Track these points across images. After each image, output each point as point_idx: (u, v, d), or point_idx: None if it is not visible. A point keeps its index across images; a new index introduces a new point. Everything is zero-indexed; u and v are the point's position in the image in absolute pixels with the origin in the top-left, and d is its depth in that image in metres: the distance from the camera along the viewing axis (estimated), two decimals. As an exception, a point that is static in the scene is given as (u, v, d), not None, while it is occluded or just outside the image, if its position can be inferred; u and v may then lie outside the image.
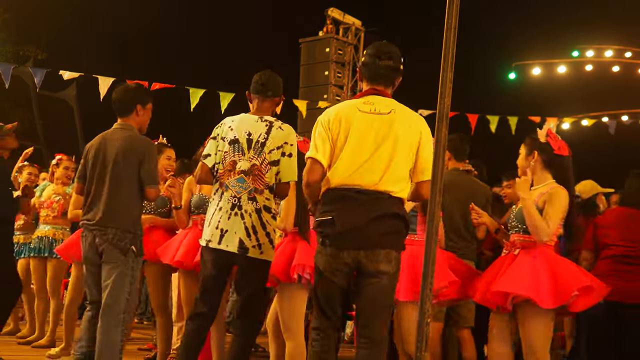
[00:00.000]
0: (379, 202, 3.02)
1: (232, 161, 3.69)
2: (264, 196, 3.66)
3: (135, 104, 4.01)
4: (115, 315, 3.85)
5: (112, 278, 3.84)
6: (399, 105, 3.20)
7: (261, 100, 3.81)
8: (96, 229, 3.86)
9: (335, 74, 12.69)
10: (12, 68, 8.15)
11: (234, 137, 3.71)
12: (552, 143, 3.74)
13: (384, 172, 3.04)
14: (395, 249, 3.05)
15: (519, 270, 3.52)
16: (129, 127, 4.00)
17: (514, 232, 3.69)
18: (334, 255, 3.05)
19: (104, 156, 3.92)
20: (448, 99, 2.53)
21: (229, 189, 3.67)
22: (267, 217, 3.66)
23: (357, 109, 3.16)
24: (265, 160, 3.65)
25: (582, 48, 12.74)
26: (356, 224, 3.00)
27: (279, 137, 3.67)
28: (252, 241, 3.60)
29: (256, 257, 3.61)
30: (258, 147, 3.67)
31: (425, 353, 2.45)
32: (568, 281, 3.47)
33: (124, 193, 3.88)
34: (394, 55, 3.25)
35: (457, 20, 2.48)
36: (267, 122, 3.72)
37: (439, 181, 2.51)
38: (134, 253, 3.87)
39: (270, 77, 3.85)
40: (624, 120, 11.73)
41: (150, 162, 3.89)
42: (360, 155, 3.07)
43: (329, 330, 3.11)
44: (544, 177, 3.72)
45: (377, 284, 3.01)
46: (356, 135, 3.10)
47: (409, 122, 3.13)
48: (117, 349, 3.86)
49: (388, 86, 3.26)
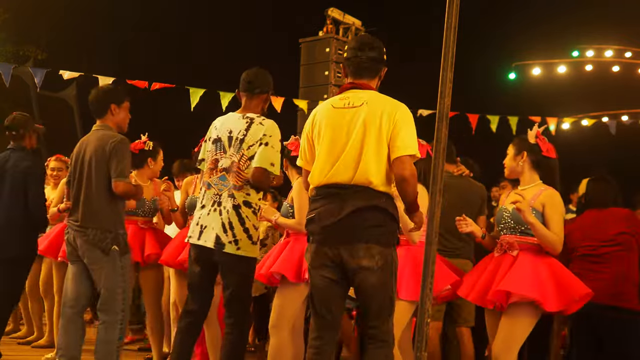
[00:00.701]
0: (357, 196, 2.99)
1: (214, 159, 3.76)
2: (243, 192, 3.67)
3: (109, 104, 4.07)
4: (113, 314, 3.88)
5: (102, 279, 3.87)
6: (376, 96, 3.15)
7: (249, 98, 3.84)
8: (78, 230, 3.93)
9: (335, 74, 12.65)
10: (12, 68, 8.15)
11: (217, 137, 3.78)
12: (541, 144, 3.75)
13: (357, 164, 3.01)
14: (378, 243, 2.98)
15: (522, 271, 3.50)
16: (104, 127, 4.07)
17: (509, 232, 3.67)
18: (317, 251, 3.06)
19: (82, 158, 4.00)
20: (448, 99, 2.54)
21: (212, 187, 3.72)
22: (247, 213, 3.67)
23: (331, 106, 3.17)
24: (244, 156, 3.67)
25: (582, 48, 12.73)
26: (334, 219, 2.99)
27: (258, 132, 3.68)
28: (228, 237, 3.61)
29: (233, 252, 3.61)
30: (237, 143, 3.69)
31: (424, 353, 2.46)
32: (570, 285, 3.51)
33: (101, 192, 3.92)
34: (376, 47, 3.23)
35: (457, 20, 2.48)
36: (248, 119, 3.74)
37: (439, 181, 2.51)
38: (119, 252, 3.88)
39: (258, 73, 3.86)
40: (624, 120, 11.72)
41: (117, 156, 3.89)
42: (334, 152, 3.06)
43: (325, 332, 3.07)
44: (532, 178, 3.74)
45: (366, 281, 2.98)
46: (329, 133, 3.10)
47: (381, 109, 3.06)
48: (114, 348, 3.88)
49: (373, 77, 3.24)
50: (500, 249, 3.69)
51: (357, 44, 3.25)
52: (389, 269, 3.02)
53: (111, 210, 3.94)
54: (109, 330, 3.88)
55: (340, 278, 3.05)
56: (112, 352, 3.87)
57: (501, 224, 3.73)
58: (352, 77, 3.24)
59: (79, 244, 3.92)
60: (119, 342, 3.91)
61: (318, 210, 3.05)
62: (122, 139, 3.99)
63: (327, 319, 3.08)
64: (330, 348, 3.09)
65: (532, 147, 3.75)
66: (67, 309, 4.00)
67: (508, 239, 3.67)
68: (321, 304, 3.08)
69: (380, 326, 3.03)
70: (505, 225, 3.70)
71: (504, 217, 3.72)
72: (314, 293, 3.10)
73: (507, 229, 3.69)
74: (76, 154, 4.08)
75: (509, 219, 3.68)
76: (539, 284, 3.45)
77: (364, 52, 3.20)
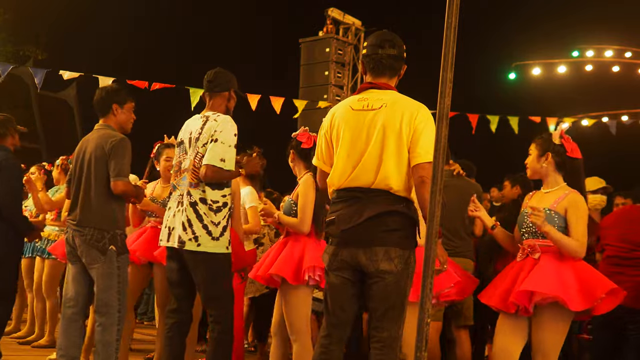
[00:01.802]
0: (377, 200, 2.96)
1: (178, 162, 3.85)
2: (199, 189, 3.71)
3: (112, 104, 4.09)
4: (111, 315, 3.87)
5: (99, 279, 3.88)
6: (396, 97, 3.07)
7: (210, 97, 3.89)
8: (76, 229, 3.94)
9: (335, 74, 12.65)
10: (12, 68, 8.15)
11: (180, 140, 3.89)
12: (566, 144, 3.61)
13: (377, 169, 2.97)
14: (398, 247, 2.94)
15: (544, 272, 3.40)
16: (106, 127, 4.08)
17: (532, 237, 3.56)
18: (335, 254, 3.04)
19: (83, 158, 4.01)
20: (448, 99, 2.53)
21: (177, 189, 3.81)
22: (204, 210, 3.70)
23: (350, 107, 3.11)
24: (199, 154, 3.72)
25: (582, 48, 12.73)
26: (354, 222, 2.96)
27: (211, 129, 3.72)
28: (187, 234, 3.66)
29: (194, 249, 3.65)
30: (194, 143, 3.76)
31: (424, 353, 2.45)
32: (595, 284, 3.38)
33: (99, 192, 3.93)
34: (397, 44, 3.13)
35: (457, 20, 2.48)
36: (204, 118, 3.80)
37: (439, 181, 2.51)
38: (116, 252, 3.89)
39: (218, 73, 3.90)
40: (624, 120, 11.73)
41: (117, 156, 3.91)
42: (354, 156, 3.03)
43: (335, 331, 3.05)
44: (556, 180, 3.62)
45: (380, 283, 2.93)
46: (348, 136, 3.06)
47: (400, 113, 2.99)
48: (113, 349, 3.87)
49: (392, 76, 3.15)
50: (523, 253, 3.58)
51: (377, 40, 3.14)
52: (406, 273, 2.98)
53: (109, 210, 3.95)
54: (106, 331, 3.86)
55: (357, 280, 3.02)
56: (111, 354, 3.86)
57: (523, 228, 3.62)
58: (371, 76, 3.15)
59: (77, 243, 3.93)
60: (118, 344, 3.90)
61: (338, 213, 3.03)
62: (122, 139, 3.99)
63: (340, 317, 3.05)
64: (339, 347, 3.07)
65: (557, 148, 3.61)
66: (67, 309, 4.00)
67: (530, 242, 3.56)
68: (335, 302, 3.05)
69: (387, 329, 2.97)
70: (527, 230, 3.59)
71: (526, 221, 3.59)
72: (329, 291, 3.08)
73: (529, 233, 3.57)
74: (77, 154, 4.09)
75: (531, 224, 3.55)
76: (561, 283, 3.34)
77: (385, 49, 3.11)
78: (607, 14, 13.43)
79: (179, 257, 3.75)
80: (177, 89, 8.47)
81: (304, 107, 9.23)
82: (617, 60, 12.67)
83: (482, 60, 16.20)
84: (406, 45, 3.21)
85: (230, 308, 3.74)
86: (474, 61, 15.57)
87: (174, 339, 3.76)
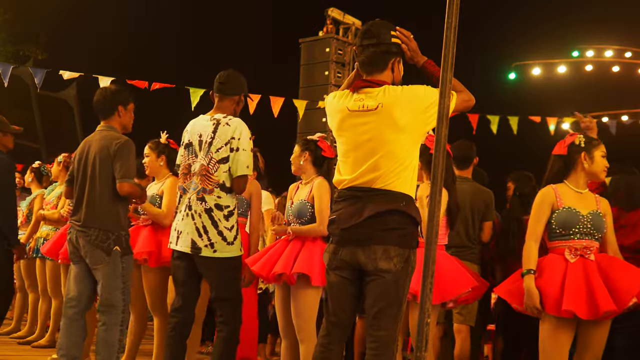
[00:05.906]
0: (377, 199, 2.94)
1: (187, 165, 3.81)
2: (214, 195, 3.69)
3: (117, 105, 4.07)
4: (115, 315, 3.87)
5: (104, 280, 3.88)
6: (389, 93, 3.00)
7: (220, 99, 3.87)
8: (80, 230, 3.93)
9: (335, 74, 12.66)
10: (12, 68, 8.15)
11: (188, 141, 3.83)
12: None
13: (378, 168, 2.96)
14: (398, 245, 2.92)
15: (625, 273, 3.42)
16: (109, 128, 4.07)
17: (585, 237, 3.51)
18: (335, 253, 3.03)
19: (86, 158, 3.99)
20: (448, 99, 2.53)
21: (187, 192, 3.77)
22: (220, 216, 3.69)
23: (347, 108, 3.07)
24: (213, 159, 3.70)
25: (582, 48, 12.74)
26: (354, 221, 2.95)
27: (225, 134, 3.70)
28: (203, 241, 3.66)
29: (210, 256, 3.65)
30: (206, 147, 3.73)
31: (425, 353, 2.45)
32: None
33: (104, 193, 3.93)
34: (375, 32, 3.02)
35: (457, 20, 2.48)
36: (214, 121, 3.77)
37: (439, 181, 2.50)
38: (120, 252, 3.89)
39: (230, 75, 3.88)
40: (624, 120, 11.72)
41: (122, 158, 3.90)
42: (354, 155, 3.03)
43: (335, 330, 3.03)
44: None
45: (378, 281, 2.91)
46: (347, 137, 3.06)
47: (400, 107, 2.95)
48: (115, 349, 3.87)
49: (382, 70, 3.05)
50: (575, 254, 3.49)
51: (359, 35, 3.08)
52: (406, 272, 2.95)
53: (114, 211, 3.94)
54: (109, 331, 3.87)
55: (356, 279, 3.01)
56: (113, 354, 3.86)
57: (574, 227, 3.53)
58: (364, 73, 3.10)
59: (81, 244, 3.92)
60: (120, 344, 3.91)
61: (339, 212, 3.02)
62: (126, 140, 3.99)
63: (340, 317, 3.03)
64: (338, 347, 3.05)
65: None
66: (68, 309, 4.00)
67: (585, 243, 3.50)
68: (335, 302, 3.04)
69: (384, 327, 2.93)
70: (579, 230, 3.51)
71: (581, 220, 3.52)
72: (329, 291, 3.07)
73: (582, 234, 3.51)
74: (79, 154, 4.07)
75: (588, 225, 3.51)
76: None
77: (364, 42, 3.04)
78: (607, 14, 13.45)
79: (188, 257, 3.74)
80: (177, 89, 8.46)
81: (304, 108, 9.25)
82: (617, 60, 12.69)
83: (482, 60, 16.21)
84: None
85: (239, 310, 3.77)
86: (474, 61, 15.58)
87: (176, 338, 3.76)
